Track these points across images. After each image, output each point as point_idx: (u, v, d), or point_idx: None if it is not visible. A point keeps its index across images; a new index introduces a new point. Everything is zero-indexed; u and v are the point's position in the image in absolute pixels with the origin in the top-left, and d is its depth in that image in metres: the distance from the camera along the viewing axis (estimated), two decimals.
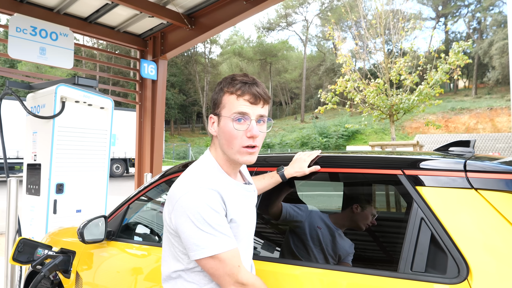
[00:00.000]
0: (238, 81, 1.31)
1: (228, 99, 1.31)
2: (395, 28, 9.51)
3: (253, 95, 1.29)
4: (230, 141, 1.30)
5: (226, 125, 1.30)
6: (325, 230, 1.92)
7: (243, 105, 1.29)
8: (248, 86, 1.29)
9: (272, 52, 54.69)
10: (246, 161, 1.32)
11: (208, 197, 1.23)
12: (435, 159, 1.52)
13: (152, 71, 6.11)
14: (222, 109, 1.32)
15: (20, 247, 2.35)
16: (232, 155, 1.31)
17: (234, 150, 1.30)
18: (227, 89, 1.31)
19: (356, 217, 2.02)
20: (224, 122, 1.31)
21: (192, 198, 1.23)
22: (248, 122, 1.29)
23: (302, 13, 55.06)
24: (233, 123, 1.28)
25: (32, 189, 4.08)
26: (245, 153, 1.30)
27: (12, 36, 4.64)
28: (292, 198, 2.57)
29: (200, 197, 1.23)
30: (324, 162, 1.83)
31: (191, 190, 1.25)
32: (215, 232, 1.21)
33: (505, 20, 37.29)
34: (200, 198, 1.23)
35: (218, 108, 1.34)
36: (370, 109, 9.09)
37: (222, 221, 1.24)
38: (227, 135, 1.30)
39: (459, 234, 1.30)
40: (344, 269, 1.56)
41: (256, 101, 1.30)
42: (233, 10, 4.93)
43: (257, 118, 1.31)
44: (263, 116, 1.33)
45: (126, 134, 19.22)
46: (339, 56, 9.37)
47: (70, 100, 4.02)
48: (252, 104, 1.30)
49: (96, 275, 2.27)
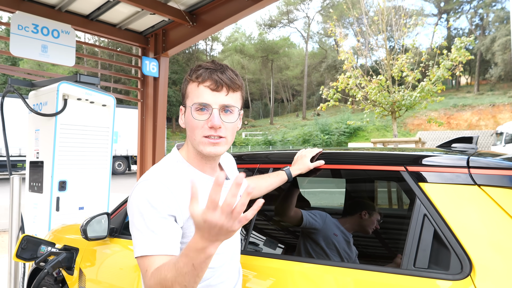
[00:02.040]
0: (201, 68, 1.23)
1: (190, 88, 1.24)
2: (397, 24, 9.47)
3: (214, 81, 1.19)
4: (192, 132, 1.22)
5: (188, 116, 1.23)
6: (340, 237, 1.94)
7: (203, 93, 1.20)
8: (210, 71, 1.21)
9: (273, 49, 54.58)
10: (210, 152, 1.21)
11: (151, 191, 1.14)
12: (438, 155, 1.52)
13: (154, 69, 6.10)
14: (187, 99, 1.25)
15: (24, 244, 2.36)
16: (196, 146, 1.23)
17: (197, 140, 1.22)
18: (190, 77, 1.25)
19: (364, 222, 2.05)
20: (188, 113, 1.24)
21: (137, 192, 1.16)
22: (210, 112, 1.20)
23: (303, 10, 54.89)
24: (194, 113, 1.21)
25: (35, 186, 4.09)
26: (208, 144, 1.21)
27: (14, 34, 4.64)
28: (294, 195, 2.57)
29: (144, 190, 1.15)
30: (326, 158, 1.83)
31: (139, 185, 1.18)
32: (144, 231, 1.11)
33: (507, 16, 37.12)
34: (143, 192, 1.15)
35: (184, 99, 1.28)
36: (372, 106, 9.07)
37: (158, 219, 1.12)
38: (189, 125, 1.23)
39: (462, 231, 1.30)
40: (347, 266, 1.56)
41: (217, 88, 1.20)
42: (234, 7, 4.91)
43: (221, 107, 1.20)
44: (228, 106, 1.22)
45: (128, 132, 19.27)
46: (341, 53, 9.34)
47: (72, 97, 4.02)
48: (214, 91, 1.20)
49: (99, 271, 2.28)
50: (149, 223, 1.11)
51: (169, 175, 1.20)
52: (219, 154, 1.25)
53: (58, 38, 5.04)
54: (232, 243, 1.38)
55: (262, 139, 38.48)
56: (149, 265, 1.08)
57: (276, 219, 2.12)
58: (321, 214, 1.99)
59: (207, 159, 1.28)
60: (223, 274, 1.33)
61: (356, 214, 2.09)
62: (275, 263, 1.65)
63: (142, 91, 6.33)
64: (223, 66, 1.24)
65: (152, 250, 1.09)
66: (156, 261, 1.08)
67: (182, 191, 1.18)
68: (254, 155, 2.07)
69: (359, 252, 1.83)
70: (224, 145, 1.24)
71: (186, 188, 1.19)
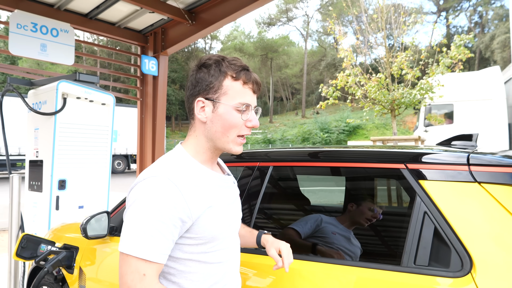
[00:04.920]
0: (239, 66, 1.22)
1: (231, 85, 1.20)
2: (397, 22, 9.45)
3: (256, 84, 1.23)
4: (227, 130, 1.21)
5: (228, 114, 1.20)
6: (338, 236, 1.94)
7: (247, 94, 1.21)
8: (250, 73, 1.22)
9: (273, 47, 54.54)
10: (238, 151, 1.25)
11: (160, 191, 1.09)
12: (438, 153, 1.52)
13: (153, 67, 6.09)
14: (223, 95, 1.20)
15: (24, 243, 2.36)
16: (224, 143, 1.22)
17: (229, 138, 1.22)
18: (230, 72, 1.20)
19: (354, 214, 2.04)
20: (225, 110, 1.20)
21: (144, 188, 1.10)
22: (249, 112, 1.22)
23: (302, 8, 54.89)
24: (237, 113, 1.20)
25: (34, 185, 4.09)
26: (239, 143, 1.24)
27: (12, 33, 4.63)
28: (295, 194, 2.56)
29: (152, 189, 1.09)
30: (326, 156, 1.83)
31: (147, 179, 1.12)
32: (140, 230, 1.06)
33: (506, 14, 37.09)
34: (151, 189, 1.09)
35: (215, 93, 1.20)
36: (371, 104, 9.06)
37: (157, 222, 1.07)
38: (227, 123, 1.20)
39: (463, 228, 1.30)
40: (348, 263, 1.56)
41: (257, 91, 1.24)
42: (233, 5, 4.91)
43: (255, 109, 1.26)
44: (257, 108, 1.28)
45: (127, 131, 19.25)
46: (340, 51, 9.32)
47: (72, 96, 4.02)
48: (254, 93, 1.24)
49: (99, 270, 2.28)
50: (153, 224, 1.07)
51: (177, 172, 1.15)
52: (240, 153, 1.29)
53: (57, 37, 5.04)
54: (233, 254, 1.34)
55: (261, 137, 38.47)
56: (147, 271, 1.06)
57: (276, 218, 2.12)
58: (315, 217, 1.99)
59: (216, 155, 1.29)
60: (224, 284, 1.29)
61: (346, 209, 2.09)
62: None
63: (141, 89, 6.33)
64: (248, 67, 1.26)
65: (155, 256, 1.07)
66: (154, 269, 1.07)
67: (191, 188, 1.15)
68: (253, 153, 2.07)
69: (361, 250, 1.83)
70: None
71: (194, 184, 1.16)
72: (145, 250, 1.06)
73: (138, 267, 1.06)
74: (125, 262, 1.07)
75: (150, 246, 1.06)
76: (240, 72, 1.21)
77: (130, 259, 1.06)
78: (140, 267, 1.06)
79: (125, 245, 1.07)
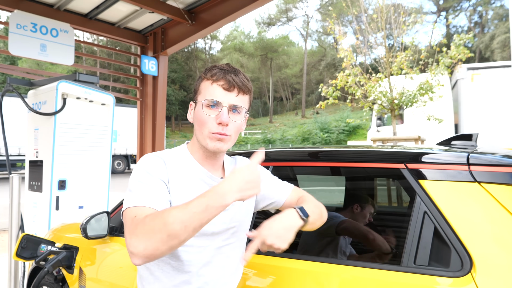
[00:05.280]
0: (216, 68, 1.30)
1: (204, 85, 1.30)
2: (396, 22, 9.45)
3: (227, 81, 1.26)
4: (200, 126, 1.28)
5: (199, 111, 1.29)
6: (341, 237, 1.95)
7: (216, 91, 1.26)
8: (224, 72, 1.28)
9: (272, 47, 54.55)
10: (215, 147, 1.27)
11: (148, 161, 1.25)
12: (438, 152, 1.52)
13: (153, 67, 6.09)
14: (198, 95, 1.31)
15: (24, 243, 2.36)
16: (202, 140, 1.29)
17: (204, 135, 1.28)
18: (205, 75, 1.31)
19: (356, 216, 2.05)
20: (197, 108, 1.30)
21: (137, 165, 1.27)
22: (220, 109, 1.26)
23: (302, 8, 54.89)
24: (204, 109, 1.27)
25: (34, 185, 4.09)
26: (214, 139, 1.26)
27: (12, 33, 4.63)
28: None
29: (142, 162, 1.25)
30: (326, 156, 1.83)
31: (141, 159, 1.28)
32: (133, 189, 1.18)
33: (506, 14, 37.06)
34: (141, 163, 1.25)
35: (195, 95, 1.34)
36: (371, 103, 9.07)
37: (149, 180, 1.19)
38: (198, 120, 1.29)
39: (463, 228, 1.30)
40: (347, 263, 1.56)
41: (230, 88, 1.26)
42: (233, 5, 4.91)
43: (230, 106, 1.27)
44: (237, 107, 1.28)
45: (127, 131, 19.24)
46: (340, 51, 9.32)
47: (71, 96, 4.02)
48: (226, 91, 1.26)
49: (99, 270, 2.28)
50: (142, 184, 1.18)
51: (168, 154, 1.31)
52: (222, 151, 1.30)
53: (57, 37, 5.04)
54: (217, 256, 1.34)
55: (261, 137, 38.48)
56: (138, 212, 1.11)
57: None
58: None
59: (209, 155, 1.33)
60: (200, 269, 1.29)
61: (348, 209, 2.09)
62: (274, 261, 1.65)
63: (141, 90, 6.33)
64: (236, 69, 1.31)
65: (143, 202, 1.14)
66: (145, 211, 1.11)
67: (176, 169, 1.27)
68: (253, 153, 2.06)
69: (359, 250, 1.83)
70: (227, 142, 1.29)
71: (180, 169, 1.28)
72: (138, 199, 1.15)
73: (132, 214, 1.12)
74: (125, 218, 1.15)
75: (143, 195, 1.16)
76: (213, 71, 1.29)
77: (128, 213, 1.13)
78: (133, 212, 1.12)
79: (124, 204, 1.18)
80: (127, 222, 1.12)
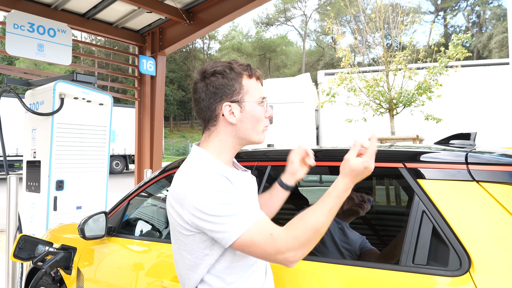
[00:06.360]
0: (246, 65, 1.32)
1: (249, 83, 1.30)
2: (394, 22, 9.46)
3: (261, 76, 1.34)
4: (256, 124, 1.30)
5: (254, 110, 1.29)
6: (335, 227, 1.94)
7: (260, 88, 1.33)
8: (254, 69, 1.33)
9: (271, 47, 54.50)
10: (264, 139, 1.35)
11: (214, 182, 1.15)
12: (436, 151, 1.52)
13: (151, 67, 6.08)
14: (245, 94, 1.28)
15: (21, 244, 2.35)
16: (255, 137, 1.31)
17: (259, 131, 1.31)
18: (245, 72, 1.30)
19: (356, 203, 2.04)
20: (251, 107, 1.29)
21: (200, 190, 1.14)
22: (265, 104, 1.33)
23: (300, 8, 54.85)
24: (260, 107, 1.30)
25: (32, 186, 4.07)
26: (264, 134, 1.34)
27: (9, 33, 4.61)
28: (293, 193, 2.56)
29: (207, 185, 1.15)
30: (324, 155, 1.83)
31: (195, 183, 1.16)
32: (235, 211, 1.13)
33: (504, 14, 37.15)
34: (207, 186, 1.14)
35: (238, 95, 1.27)
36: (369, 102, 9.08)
37: (236, 199, 1.15)
38: (255, 119, 1.29)
39: (461, 227, 1.29)
40: (345, 263, 1.56)
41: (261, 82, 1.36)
42: (231, 5, 4.90)
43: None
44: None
45: (125, 131, 19.21)
46: (338, 51, 9.33)
47: (69, 96, 4.00)
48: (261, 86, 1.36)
49: (97, 271, 2.27)
50: (234, 204, 1.14)
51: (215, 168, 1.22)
52: None
53: (54, 37, 5.02)
54: None
55: None
56: (266, 229, 1.14)
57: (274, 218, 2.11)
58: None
59: (233, 155, 1.36)
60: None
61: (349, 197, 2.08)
62: None
63: (139, 89, 6.31)
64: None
65: (255, 217, 1.14)
66: (265, 222, 1.15)
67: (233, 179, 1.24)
68: (251, 153, 2.06)
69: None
70: None
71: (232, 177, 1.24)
72: (248, 217, 1.14)
73: (261, 234, 1.12)
74: (250, 242, 1.12)
75: (248, 211, 1.15)
76: (251, 69, 1.31)
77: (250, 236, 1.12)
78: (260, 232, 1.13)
79: (234, 231, 1.12)
80: (263, 243, 1.12)
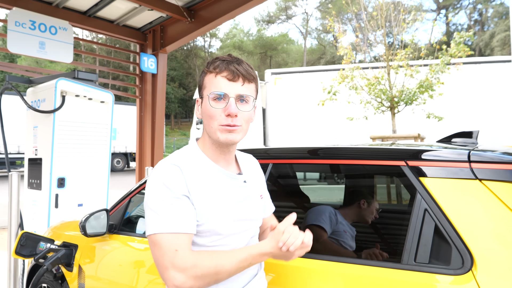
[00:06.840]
0: (218, 60, 1.28)
1: (208, 78, 1.28)
2: (396, 20, 9.42)
3: (231, 71, 1.24)
4: (209, 121, 1.26)
5: (206, 105, 1.26)
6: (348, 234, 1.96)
7: (220, 83, 1.24)
8: (227, 63, 1.25)
9: (272, 45, 54.42)
10: (227, 139, 1.25)
11: (165, 173, 1.20)
12: (439, 150, 1.51)
13: (152, 65, 6.08)
14: (204, 90, 1.29)
15: (23, 241, 2.35)
16: (212, 134, 1.27)
17: (214, 128, 1.25)
18: (207, 69, 1.29)
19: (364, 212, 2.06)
20: (204, 102, 1.28)
21: (153, 175, 1.22)
22: (227, 101, 1.23)
23: (302, 6, 54.79)
24: (211, 102, 1.24)
25: (33, 183, 4.08)
26: (224, 131, 1.24)
27: (11, 31, 4.61)
28: (294, 191, 2.56)
29: (159, 173, 1.21)
30: (326, 153, 1.82)
31: (155, 169, 1.25)
32: (160, 210, 1.16)
33: (506, 12, 37.01)
34: (158, 174, 1.21)
35: (201, 90, 1.31)
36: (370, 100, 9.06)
37: (170, 199, 1.17)
38: (207, 114, 1.26)
39: (463, 225, 1.29)
40: (347, 261, 1.56)
41: (234, 78, 1.24)
42: (232, 3, 4.89)
43: (237, 96, 1.25)
44: (244, 96, 1.26)
45: (126, 129, 19.21)
46: (340, 49, 9.31)
47: (70, 94, 4.00)
48: (230, 81, 1.24)
49: (98, 268, 2.28)
50: (166, 204, 1.16)
51: (183, 159, 1.26)
52: (235, 142, 1.28)
53: (56, 34, 5.02)
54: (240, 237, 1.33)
55: None
56: (177, 244, 1.14)
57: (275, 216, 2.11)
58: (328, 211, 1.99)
59: (222, 149, 1.31)
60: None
61: (355, 204, 2.09)
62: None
63: (140, 87, 6.31)
64: (239, 59, 1.30)
65: (174, 228, 1.15)
66: (181, 239, 1.15)
67: (193, 175, 1.23)
68: (252, 151, 2.06)
69: (361, 247, 1.83)
70: (239, 132, 1.27)
71: (197, 174, 1.25)
72: (168, 224, 1.15)
73: (169, 244, 1.14)
74: (156, 245, 1.15)
75: (172, 219, 1.15)
76: (215, 63, 1.27)
77: (160, 239, 1.14)
78: (170, 242, 1.14)
79: (151, 227, 1.16)
80: (164, 252, 1.14)
